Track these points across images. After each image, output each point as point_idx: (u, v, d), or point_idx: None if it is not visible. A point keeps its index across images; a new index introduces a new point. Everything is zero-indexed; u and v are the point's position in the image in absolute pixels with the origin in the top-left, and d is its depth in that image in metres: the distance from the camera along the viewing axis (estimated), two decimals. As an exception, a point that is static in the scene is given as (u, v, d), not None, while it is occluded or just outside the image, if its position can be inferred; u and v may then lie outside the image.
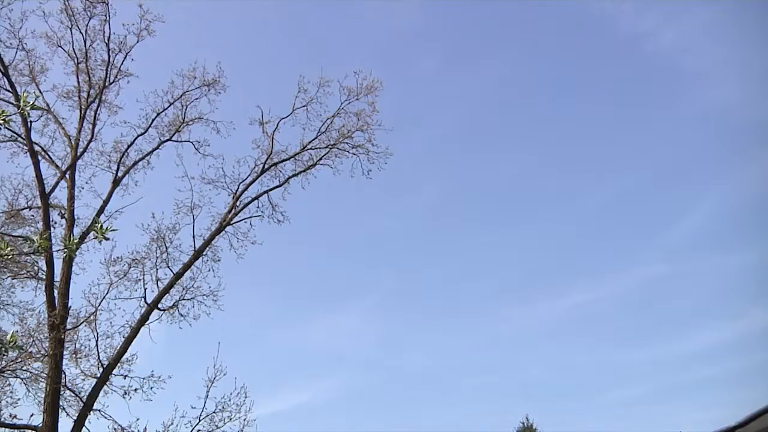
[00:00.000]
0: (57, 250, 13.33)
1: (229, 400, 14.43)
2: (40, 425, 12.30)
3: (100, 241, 12.05)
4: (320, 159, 17.25)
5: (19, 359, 12.92)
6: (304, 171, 17.24)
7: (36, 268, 14.16)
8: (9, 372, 13.52)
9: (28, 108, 5.33)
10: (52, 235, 14.04)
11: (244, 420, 14.42)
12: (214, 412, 14.26)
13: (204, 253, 15.80)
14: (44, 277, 13.87)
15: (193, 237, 15.87)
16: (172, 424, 13.91)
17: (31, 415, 13.08)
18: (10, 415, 12.99)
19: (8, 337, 4.39)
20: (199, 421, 14.05)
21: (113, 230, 5.35)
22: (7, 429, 13.41)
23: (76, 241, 12.57)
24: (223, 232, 16.27)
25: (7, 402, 13.43)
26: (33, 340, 13.09)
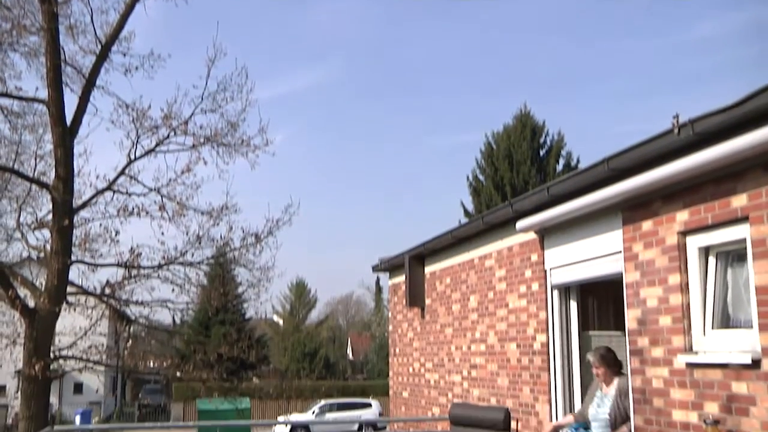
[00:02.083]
0: None
1: (230, 81, 14.53)
2: (47, 99, 12.52)
3: None
4: None
5: (13, 30, 12.71)
6: None
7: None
8: (7, 45, 13.40)
9: None
10: None
11: (246, 100, 14.66)
12: (216, 92, 14.44)
13: None
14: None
15: None
16: (175, 102, 14.17)
17: (36, 89, 13.27)
18: (16, 88, 13.19)
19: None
20: (202, 100, 14.27)
21: None
22: (15, 101, 13.69)
23: None
24: None
25: (10, 75, 13.53)
26: (25, 12, 12.75)
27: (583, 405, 5.85)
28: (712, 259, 5.35)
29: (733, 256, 5.22)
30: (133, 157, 13.95)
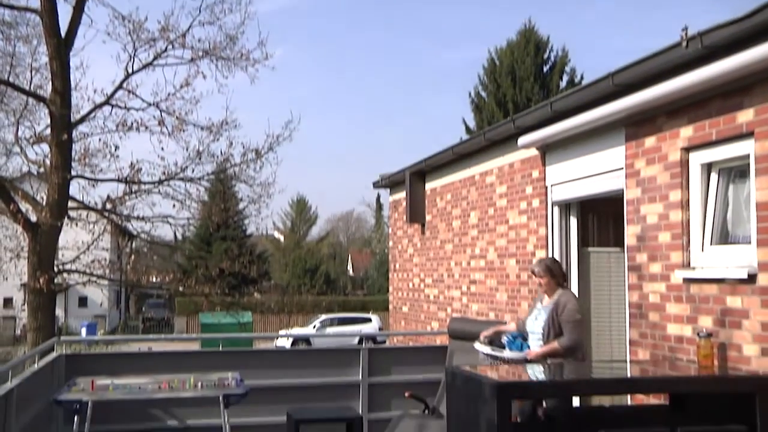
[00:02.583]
0: None
1: (229, -9, 14.19)
2: (39, 8, 12.21)
3: None
4: None
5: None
6: None
7: None
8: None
9: None
10: None
11: (245, 12, 14.37)
12: (214, 3, 14.13)
13: None
14: None
15: None
16: (172, 14, 13.90)
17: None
18: (6, -4, 12.84)
19: None
20: (200, 12, 13.99)
21: None
22: (6, 9, 13.36)
23: None
24: None
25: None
26: None
27: (526, 316, 5.93)
28: (714, 176, 5.33)
29: (735, 172, 5.20)
30: (130, 70, 13.78)
